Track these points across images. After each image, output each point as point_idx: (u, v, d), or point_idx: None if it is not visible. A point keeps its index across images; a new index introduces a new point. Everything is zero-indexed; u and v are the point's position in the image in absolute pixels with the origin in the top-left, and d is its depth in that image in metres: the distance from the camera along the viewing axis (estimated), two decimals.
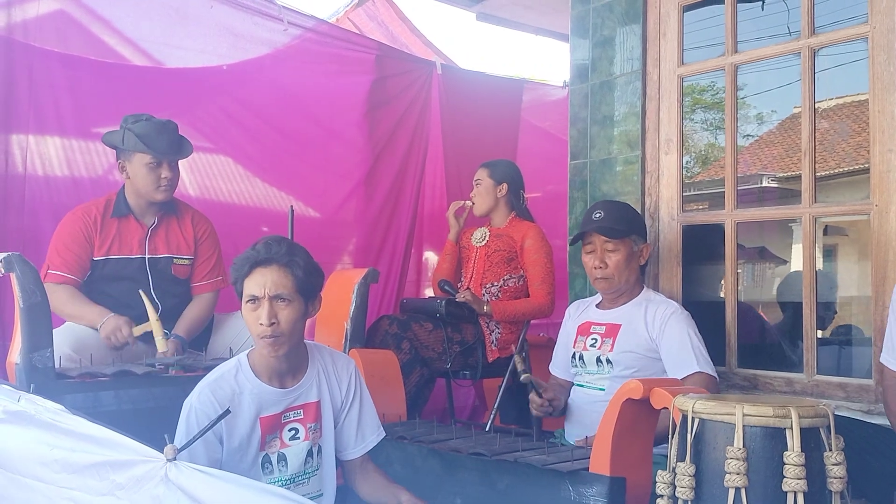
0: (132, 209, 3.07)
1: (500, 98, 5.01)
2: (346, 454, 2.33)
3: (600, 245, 2.82)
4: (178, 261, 3.12)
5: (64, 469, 1.56)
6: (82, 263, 2.98)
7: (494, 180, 3.63)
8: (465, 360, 3.49)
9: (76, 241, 2.97)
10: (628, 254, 2.82)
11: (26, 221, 3.33)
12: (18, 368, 2.54)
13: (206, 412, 2.05)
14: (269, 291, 2.07)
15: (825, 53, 2.91)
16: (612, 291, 2.86)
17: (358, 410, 2.33)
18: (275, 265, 2.09)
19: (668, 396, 1.93)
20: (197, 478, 1.36)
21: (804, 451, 1.62)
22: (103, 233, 3.01)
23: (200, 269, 3.17)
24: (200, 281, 3.18)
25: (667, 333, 2.71)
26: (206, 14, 3.83)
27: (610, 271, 2.80)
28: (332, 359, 2.34)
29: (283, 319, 2.08)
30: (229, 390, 2.12)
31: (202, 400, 2.09)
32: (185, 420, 2.09)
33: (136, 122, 3.01)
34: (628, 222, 2.84)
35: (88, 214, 3.01)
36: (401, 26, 5.23)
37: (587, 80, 3.49)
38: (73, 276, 2.95)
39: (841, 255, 7.01)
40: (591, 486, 2.12)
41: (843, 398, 2.67)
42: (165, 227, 3.11)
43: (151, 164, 2.99)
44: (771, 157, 9.17)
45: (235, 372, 2.16)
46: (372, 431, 2.36)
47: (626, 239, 2.82)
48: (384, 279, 4.29)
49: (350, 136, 4.35)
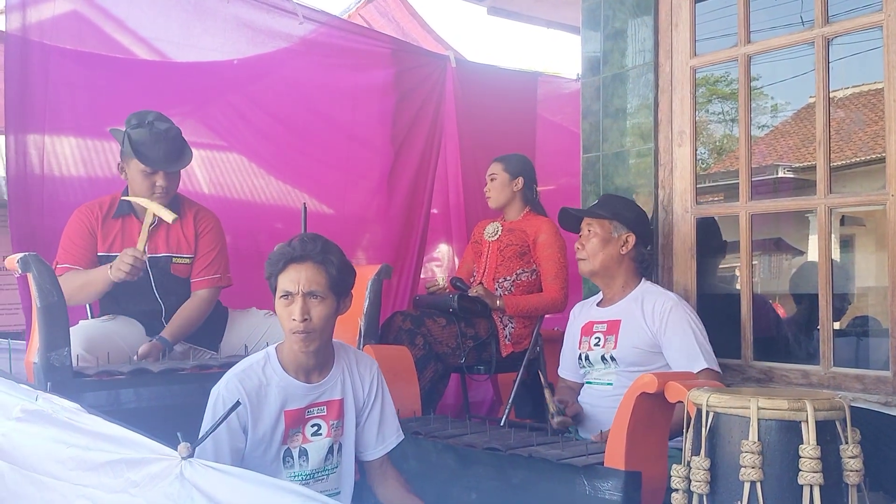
0: (133, 208, 3.07)
1: (515, 92, 4.99)
2: (366, 455, 2.35)
3: (584, 228, 2.95)
4: (178, 260, 3.09)
5: (79, 467, 1.58)
6: (88, 256, 2.99)
7: (510, 174, 3.62)
8: (478, 354, 3.49)
9: (80, 236, 2.99)
10: (604, 237, 2.90)
11: (45, 221, 3.34)
12: (37, 368, 2.57)
13: (232, 401, 2.07)
14: (303, 288, 2.11)
15: (839, 42, 2.88)
16: (591, 275, 2.97)
17: (380, 412, 2.35)
18: (309, 262, 2.12)
19: (683, 390, 1.92)
20: (212, 475, 1.37)
21: (820, 444, 1.62)
22: (105, 229, 3.02)
23: (198, 264, 3.13)
24: (197, 277, 3.14)
25: (669, 329, 2.72)
26: (223, 10, 3.84)
27: (585, 252, 2.92)
28: (356, 358, 2.36)
29: (316, 316, 2.11)
30: (256, 381, 2.15)
31: (229, 389, 2.12)
32: (211, 408, 2.13)
33: (137, 126, 2.98)
34: (613, 209, 2.92)
35: (92, 211, 3.03)
36: (411, 22, 5.23)
37: (599, 73, 3.47)
38: (80, 266, 2.97)
39: (857, 245, 6.95)
40: (606, 480, 2.12)
41: (860, 390, 2.65)
42: (166, 225, 3.05)
43: (146, 172, 2.97)
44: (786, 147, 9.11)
45: (264, 364, 2.20)
46: (392, 433, 2.38)
47: (605, 222, 2.90)
48: (398, 275, 4.30)
49: (367, 132, 4.34)
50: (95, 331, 2.91)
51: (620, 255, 2.89)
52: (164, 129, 3.00)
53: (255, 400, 2.13)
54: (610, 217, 2.90)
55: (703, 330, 2.74)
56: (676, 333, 2.71)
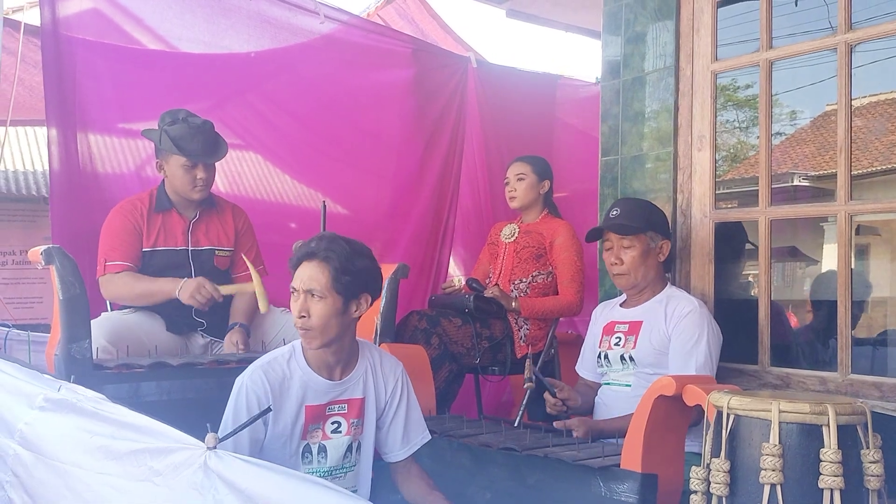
0: (174, 203, 3.15)
1: (535, 94, 5.00)
2: (391, 456, 2.35)
3: (616, 242, 2.85)
4: (220, 252, 3.20)
5: (105, 456, 1.59)
6: (137, 252, 3.06)
7: (538, 176, 3.61)
8: (493, 355, 3.49)
9: (128, 232, 3.05)
10: (644, 250, 2.83)
11: (94, 217, 3.38)
12: (58, 359, 2.59)
13: (256, 392, 2.11)
14: (304, 285, 2.12)
15: (862, 49, 2.87)
16: (631, 287, 2.89)
17: (405, 414, 2.35)
18: (315, 260, 2.13)
19: (702, 393, 1.92)
20: (237, 466, 1.37)
21: (841, 448, 1.62)
22: (150, 225, 3.09)
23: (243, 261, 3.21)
24: (246, 271, 3.19)
25: (679, 329, 2.71)
26: (246, 7, 3.87)
27: (626, 267, 2.83)
28: (381, 359, 2.36)
29: (314, 314, 2.11)
30: (280, 373, 2.17)
31: (254, 379, 2.13)
32: (234, 397, 2.14)
33: (173, 123, 3.06)
34: (644, 219, 2.85)
35: (135, 208, 3.10)
36: (431, 23, 5.24)
37: (619, 77, 3.47)
38: (131, 263, 3.03)
39: (873, 254, 6.91)
40: (622, 482, 2.12)
41: (878, 397, 2.64)
42: (206, 220, 3.20)
43: (187, 166, 3.07)
44: (803, 155, 9.06)
45: (289, 357, 2.21)
46: (417, 433, 2.38)
47: (641, 235, 2.83)
48: (420, 274, 4.31)
49: (388, 131, 4.36)
50: (119, 323, 2.94)
51: (658, 263, 2.88)
52: (199, 123, 3.10)
53: (278, 392, 2.14)
54: (645, 229, 2.84)
55: (716, 340, 2.72)
56: (684, 333, 2.70)
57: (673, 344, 2.72)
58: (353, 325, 2.23)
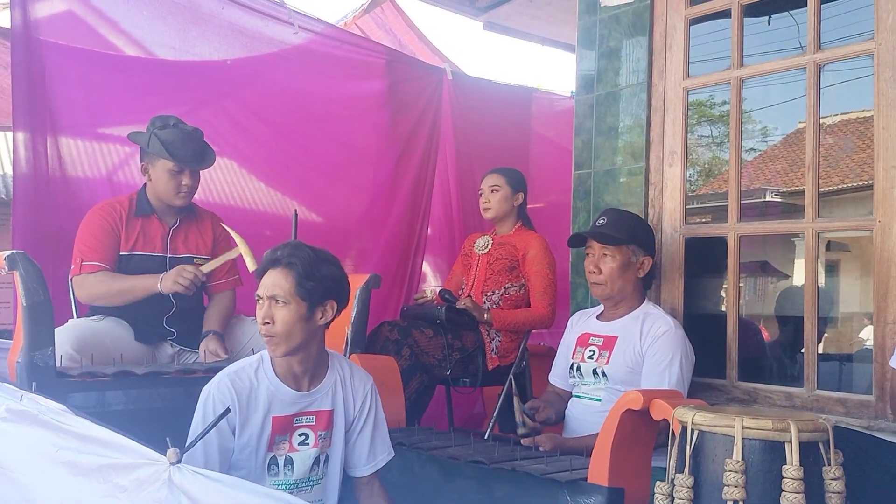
0: (155, 209, 3.12)
1: (510, 106, 5.03)
2: (356, 471, 2.34)
3: (598, 250, 2.86)
4: (198, 260, 3.14)
5: (69, 471, 1.56)
6: (114, 255, 3.02)
7: (512, 188, 3.62)
8: (465, 367, 3.49)
9: (106, 234, 3.02)
10: (623, 262, 2.84)
11: (57, 220, 3.35)
12: (20, 367, 2.55)
13: (223, 401, 2.09)
14: (268, 291, 2.12)
15: (831, 69, 2.92)
16: (606, 299, 2.90)
17: (372, 429, 2.33)
18: (279, 267, 2.13)
19: (668, 408, 1.93)
20: (200, 482, 1.35)
21: (803, 465, 1.63)
22: (129, 229, 3.06)
23: (220, 269, 3.18)
24: (220, 280, 3.22)
25: (653, 348, 2.73)
26: (217, 15, 3.86)
27: (603, 277, 2.85)
28: (351, 372, 2.34)
29: (279, 320, 2.10)
30: (248, 382, 2.15)
31: (220, 389, 2.12)
32: (202, 406, 2.12)
33: (164, 127, 3.04)
34: (628, 232, 2.85)
35: (115, 210, 3.07)
36: (409, 33, 5.25)
37: (593, 91, 3.50)
38: (107, 264, 2.99)
39: (843, 270, 7.00)
40: (589, 496, 2.12)
41: (842, 413, 2.67)
42: (185, 228, 3.18)
43: (173, 171, 3.05)
44: (774, 171, 9.16)
45: (256, 367, 2.20)
46: (382, 450, 2.36)
47: (623, 247, 2.84)
48: (393, 285, 4.30)
49: (362, 141, 4.36)
50: (86, 331, 2.90)
51: (637, 278, 2.89)
52: (190, 130, 3.10)
53: (245, 402, 2.13)
54: (628, 242, 2.85)
55: (689, 362, 2.74)
56: (658, 353, 2.72)
57: (647, 363, 2.73)
58: (319, 333, 2.21)
